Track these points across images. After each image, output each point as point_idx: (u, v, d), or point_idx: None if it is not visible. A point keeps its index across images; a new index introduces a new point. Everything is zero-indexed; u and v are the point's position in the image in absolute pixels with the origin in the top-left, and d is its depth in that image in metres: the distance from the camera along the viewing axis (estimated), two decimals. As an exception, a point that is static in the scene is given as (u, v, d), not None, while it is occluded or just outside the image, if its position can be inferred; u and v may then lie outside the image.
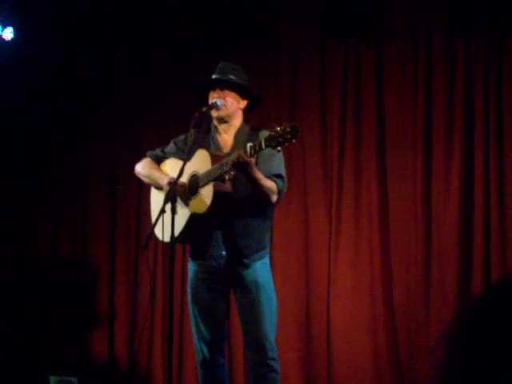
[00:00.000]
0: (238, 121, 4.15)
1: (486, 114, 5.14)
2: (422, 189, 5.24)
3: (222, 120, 4.11)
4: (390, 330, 5.27)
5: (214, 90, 4.08)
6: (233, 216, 3.99)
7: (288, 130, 3.60)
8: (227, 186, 3.91)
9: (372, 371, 5.28)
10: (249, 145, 3.74)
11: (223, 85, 4.08)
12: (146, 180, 4.28)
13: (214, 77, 4.12)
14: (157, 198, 4.18)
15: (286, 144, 3.63)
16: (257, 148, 3.71)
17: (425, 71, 5.29)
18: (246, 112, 4.23)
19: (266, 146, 3.66)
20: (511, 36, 5.13)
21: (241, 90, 4.13)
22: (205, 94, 4.13)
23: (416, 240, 5.24)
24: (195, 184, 3.97)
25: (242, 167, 3.75)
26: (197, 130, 4.13)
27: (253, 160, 3.77)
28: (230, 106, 4.08)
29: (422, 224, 5.22)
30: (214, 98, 4.06)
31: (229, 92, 4.09)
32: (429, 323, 5.15)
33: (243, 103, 4.16)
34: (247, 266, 4.02)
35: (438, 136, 5.24)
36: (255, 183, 3.85)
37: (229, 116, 4.11)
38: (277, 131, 3.62)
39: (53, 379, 5.14)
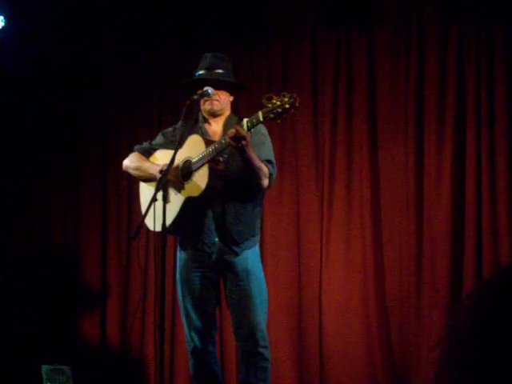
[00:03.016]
0: (227, 112, 4.18)
1: (477, 102, 5.13)
2: (413, 177, 5.24)
3: (214, 114, 4.12)
4: (382, 317, 5.29)
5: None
6: (225, 200, 3.99)
7: (286, 99, 3.57)
8: (221, 167, 3.91)
9: (364, 358, 5.30)
10: (246, 119, 3.70)
11: (217, 84, 4.08)
12: (135, 173, 4.26)
13: (204, 72, 4.10)
14: (147, 192, 4.17)
15: (285, 115, 3.59)
16: (254, 121, 3.67)
17: (416, 59, 5.28)
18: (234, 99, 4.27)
19: (264, 118, 3.62)
20: (503, 23, 5.12)
21: (232, 87, 4.16)
22: (194, 90, 4.13)
23: (408, 227, 5.24)
24: (188, 169, 3.96)
25: (238, 142, 3.70)
26: (185, 119, 4.13)
27: (250, 134, 3.73)
28: (223, 102, 4.12)
29: (413, 212, 5.22)
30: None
31: (222, 91, 4.10)
32: (420, 310, 5.16)
33: (233, 96, 4.21)
34: (238, 254, 4.03)
35: (429, 124, 5.24)
36: (249, 162, 3.83)
37: (221, 110, 4.14)
38: (273, 103, 3.59)
39: (45, 368, 5.15)
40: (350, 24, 5.46)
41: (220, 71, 4.10)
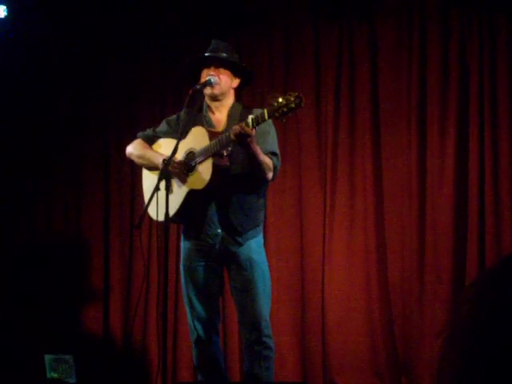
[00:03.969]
0: (230, 99, 4.15)
1: (480, 91, 5.14)
2: (416, 166, 5.24)
3: (215, 98, 4.10)
4: (384, 306, 5.29)
5: (209, 67, 4.05)
6: (229, 192, 3.98)
7: (292, 98, 3.57)
8: (225, 161, 3.90)
9: (367, 347, 5.30)
10: (250, 116, 3.69)
11: (218, 62, 4.06)
12: (138, 161, 4.25)
13: (208, 54, 4.10)
14: (149, 180, 4.16)
15: (290, 114, 3.59)
16: (259, 119, 3.67)
17: (419, 49, 5.27)
18: (239, 90, 4.24)
19: (269, 116, 3.63)
20: (505, 11, 5.11)
21: (234, 69, 4.12)
22: (197, 72, 4.11)
23: (410, 217, 5.24)
24: (192, 161, 3.95)
25: (243, 139, 3.71)
26: (189, 109, 4.11)
27: (254, 132, 3.73)
28: (224, 85, 4.07)
29: (416, 202, 5.23)
30: (208, 75, 4.03)
31: (223, 70, 4.07)
32: (423, 300, 5.16)
33: (236, 82, 4.15)
34: (241, 244, 4.03)
35: (432, 113, 5.24)
36: (253, 157, 3.83)
37: (222, 94, 4.10)
38: (279, 102, 3.59)
39: (48, 357, 5.16)
40: (352, 14, 5.45)
41: (224, 54, 4.08)
